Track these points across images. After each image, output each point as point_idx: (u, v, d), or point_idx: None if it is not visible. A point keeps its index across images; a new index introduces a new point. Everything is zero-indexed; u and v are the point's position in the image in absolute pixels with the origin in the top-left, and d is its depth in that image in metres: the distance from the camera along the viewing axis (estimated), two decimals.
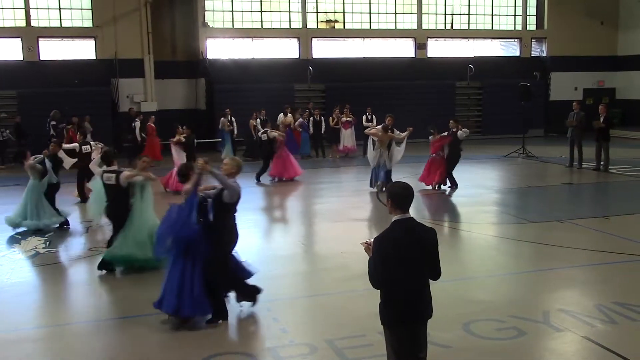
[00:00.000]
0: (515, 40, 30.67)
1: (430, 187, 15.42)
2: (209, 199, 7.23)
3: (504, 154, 21.70)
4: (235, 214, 7.30)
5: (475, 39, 30.05)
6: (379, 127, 15.44)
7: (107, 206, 9.30)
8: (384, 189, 14.57)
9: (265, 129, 17.80)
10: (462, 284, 8.47)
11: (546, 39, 30.38)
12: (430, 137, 15.62)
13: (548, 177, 18.07)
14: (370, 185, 15.24)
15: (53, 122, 21.36)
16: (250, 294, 7.56)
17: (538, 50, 30.83)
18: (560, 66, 29.67)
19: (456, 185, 15.52)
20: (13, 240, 11.24)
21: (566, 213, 12.82)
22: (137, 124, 21.38)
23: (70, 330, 7.24)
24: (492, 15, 30.21)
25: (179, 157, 15.31)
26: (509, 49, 30.79)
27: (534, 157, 21.00)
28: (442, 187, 15.50)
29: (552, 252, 10.06)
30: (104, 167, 9.41)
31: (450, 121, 16.01)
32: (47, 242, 11.15)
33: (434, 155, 15.39)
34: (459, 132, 15.49)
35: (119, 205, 9.10)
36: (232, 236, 7.31)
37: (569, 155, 18.55)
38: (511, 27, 30.54)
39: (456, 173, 15.56)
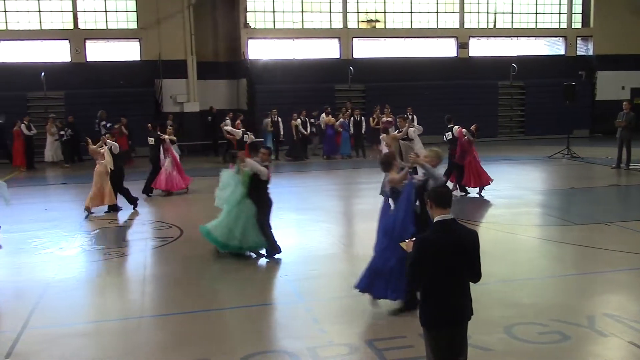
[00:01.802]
0: (560, 38, 30.11)
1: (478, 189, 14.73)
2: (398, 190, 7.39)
3: (547, 155, 21.33)
4: None
5: (518, 38, 29.63)
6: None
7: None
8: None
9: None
10: (504, 286, 8.36)
11: (592, 37, 29.76)
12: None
13: (593, 178, 17.70)
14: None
15: (102, 122, 21.84)
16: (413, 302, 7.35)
17: (584, 48, 30.20)
18: (607, 65, 29.01)
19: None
20: (60, 238, 11.55)
21: (612, 215, 12.53)
22: (228, 121, 21.87)
23: (114, 326, 7.39)
24: (536, 13, 29.72)
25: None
26: (554, 47, 30.26)
27: (579, 158, 20.59)
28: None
29: (597, 255, 9.86)
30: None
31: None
32: (93, 239, 11.43)
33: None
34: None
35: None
36: None
37: (616, 156, 18.15)
38: (556, 26, 30.00)
39: (499, 174, 15.30)
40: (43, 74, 23.28)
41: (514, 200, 14.47)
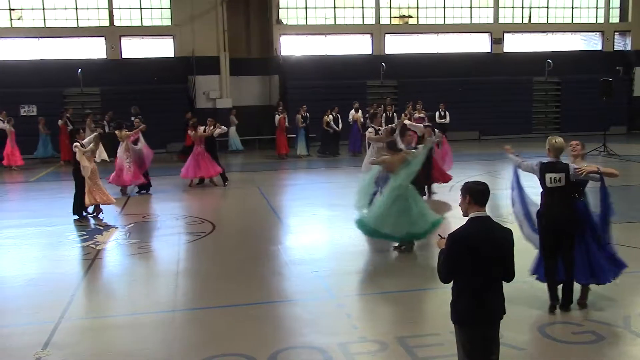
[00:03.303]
0: (597, 33, 29.56)
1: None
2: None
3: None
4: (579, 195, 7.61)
5: (554, 33, 29.17)
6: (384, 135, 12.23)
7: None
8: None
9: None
10: (538, 284, 8.23)
11: (630, 32, 29.14)
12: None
13: (630, 176, 17.32)
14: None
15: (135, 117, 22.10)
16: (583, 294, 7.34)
17: (621, 44, 29.60)
18: None
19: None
20: (95, 231, 11.76)
21: None
22: (277, 117, 22.13)
23: (148, 319, 7.49)
24: (573, 8, 29.23)
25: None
26: (590, 42, 29.73)
27: (615, 155, 20.20)
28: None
29: (634, 254, 9.65)
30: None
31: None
32: (128, 234, 11.62)
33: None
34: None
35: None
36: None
37: None
38: (592, 20, 29.45)
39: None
40: (79, 70, 23.69)
41: None
